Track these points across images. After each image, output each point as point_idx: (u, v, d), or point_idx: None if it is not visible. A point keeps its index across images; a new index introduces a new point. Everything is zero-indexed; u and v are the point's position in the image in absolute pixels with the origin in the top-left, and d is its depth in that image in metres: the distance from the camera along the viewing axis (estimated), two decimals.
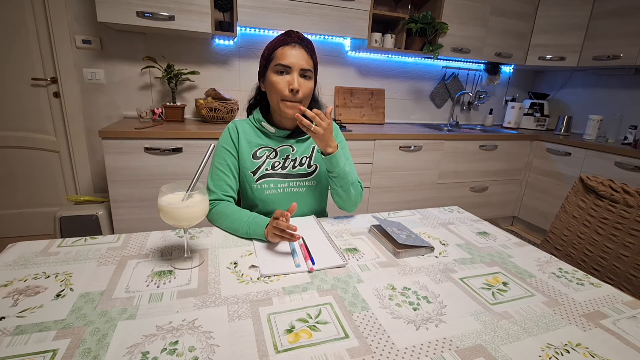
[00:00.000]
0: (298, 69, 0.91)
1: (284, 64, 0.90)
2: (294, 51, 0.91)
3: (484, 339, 0.57)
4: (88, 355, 0.49)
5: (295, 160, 1.02)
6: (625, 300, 0.71)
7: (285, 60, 0.90)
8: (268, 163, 1.00)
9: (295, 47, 0.92)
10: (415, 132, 2.32)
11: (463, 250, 0.89)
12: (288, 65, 0.90)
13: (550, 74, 3.14)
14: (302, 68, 0.92)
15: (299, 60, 0.91)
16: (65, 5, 1.92)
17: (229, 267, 0.74)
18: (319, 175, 1.04)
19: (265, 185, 0.99)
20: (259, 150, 1.00)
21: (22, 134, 2.07)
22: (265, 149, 1.01)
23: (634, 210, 1.00)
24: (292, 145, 1.03)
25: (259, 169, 0.99)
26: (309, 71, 0.93)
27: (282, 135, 1.01)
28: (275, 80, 0.92)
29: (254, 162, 0.99)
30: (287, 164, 1.01)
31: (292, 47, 0.92)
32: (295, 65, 0.91)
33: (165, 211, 0.69)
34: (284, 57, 0.91)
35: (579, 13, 2.54)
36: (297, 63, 0.91)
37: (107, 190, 1.74)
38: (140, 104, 2.18)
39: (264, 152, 1.00)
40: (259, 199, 1.01)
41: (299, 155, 1.03)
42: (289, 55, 0.91)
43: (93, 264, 0.72)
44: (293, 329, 0.57)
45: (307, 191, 1.04)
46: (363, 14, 2.16)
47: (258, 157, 1.00)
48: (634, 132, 2.32)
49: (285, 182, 1.01)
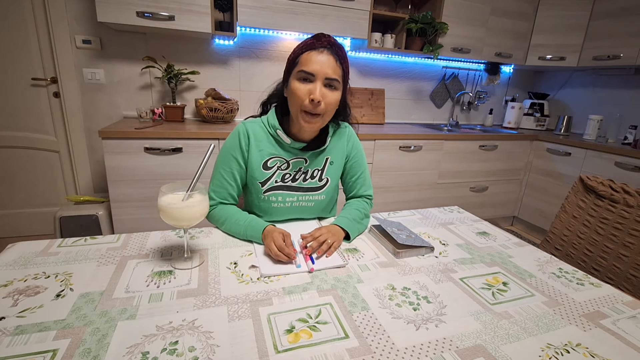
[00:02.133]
0: (322, 77, 0.82)
1: (308, 70, 0.82)
2: (320, 57, 0.82)
3: (484, 339, 0.57)
4: (88, 355, 0.49)
5: (307, 173, 0.96)
6: (625, 300, 0.71)
7: (309, 67, 0.82)
8: (278, 174, 0.94)
9: (323, 52, 0.83)
10: (415, 132, 2.32)
11: (463, 250, 0.89)
12: (312, 72, 0.82)
13: (550, 74, 3.14)
14: (327, 77, 0.83)
15: (324, 68, 0.82)
16: (65, 5, 1.92)
17: (229, 267, 0.74)
18: (329, 190, 0.99)
19: (273, 198, 0.94)
20: (270, 160, 0.93)
21: (22, 134, 2.07)
22: (277, 159, 0.93)
23: (634, 210, 1.00)
24: (306, 157, 0.95)
25: (269, 180, 0.93)
26: (335, 81, 0.84)
27: (297, 147, 0.93)
28: (296, 87, 0.84)
29: (264, 172, 0.93)
30: (297, 177, 0.95)
31: (319, 53, 0.83)
32: (319, 73, 0.82)
33: (165, 211, 0.69)
34: (308, 64, 0.82)
35: (579, 13, 2.53)
36: (322, 71, 0.82)
37: (107, 190, 1.74)
38: (140, 104, 2.18)
39: (275, 163, 0.93)
40: (264, 211, 0.97)
41: (311, 167, 0.97)
42: (314, 61, 0.82)
43: (93, 264, 0.72)
44: (293, 329, 0.57)
45: (315, 205, 0.99)
46: (363, 14, 2.16)
47: (269, 167, 0.93)
48: (634, 132, 2.31)
49: (294, 195, 0.96)
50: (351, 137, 1.03)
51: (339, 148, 1.00)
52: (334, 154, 0.99)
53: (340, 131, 1.02)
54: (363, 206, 1.00)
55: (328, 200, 1.02)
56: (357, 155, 1.04)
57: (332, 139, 0.99)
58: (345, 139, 1.02)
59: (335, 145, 0.99)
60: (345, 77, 0.89)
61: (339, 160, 1.00)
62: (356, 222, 0.93)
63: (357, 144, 1.04)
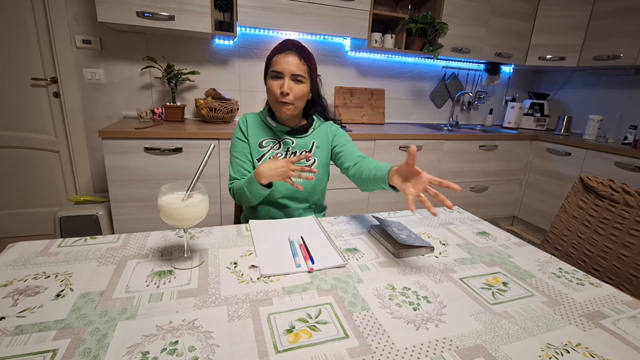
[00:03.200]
0: (289, 74, 1.01)
1: (277, 70, 1.01)
2: (286, 58, 1.01)
3: (484, 339, 0.57)
4: (88, 355, 0.49)
5: (295, 153, 1.12)
6: (625, 300, 0.71)
7: (278, 67, 1.01)
8: (272, 153, 1.11)
9: (289, 54, 1.01)
10: (415, 132, 2.32)
11: (463, 250, 0.89)
12: (280, 71, 1.01)
13: (550, 74, 3.14)
14: (293, 73, 1.01)
15: (289, 66, 1.00)
16: (65, 5, 1.92)
17: (229, 267, 0.74)
18: (316, 167, 1.13)
19: None
20: (264, 140, 1.12)
21: (22, 134, 2.07)
22: (270, 140, 1.12)
23: (634, 210, 1.00)
24: (292, 139, 1.13)
25: (263, 157, 1.11)
26: (300, 76, 1.02)
27: (281, 130, 1.12)
28: (270, 84, 1.03)
29: (259, 150, 1.11)
30: (288, 155, 1.12)
31: (286, 55, 1.01)
32: (286, 70, 1.00)
33: (165, 211, 0.69)
34: (277, 64, 1.01)
35: (579, 13, 2.53)
36: (288, 69, 1.00)
37: (107, 190, 1.74)
38: (140, 104, 2.18)
39: (268, 143, 1.12)
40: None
41: (299, 148, 1.13)
42: (281, 62, 1.01)
43: (93, 264, 0.72)
44: (293, 329, 0.56)
45: (304, 183, 1.11)
46: (363, 14, 2.16)
47: (263, 146, 1.12)
48: (634, 132, 2.32)
49: None
50: (334, 127, 1.19)
51: (323, 134, 1.17)
52: (319, 139, 1.16)
53: (326, 124, 1.19)
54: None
55: (317, 179, 1.13)
56: (341, 134, 1.18)
57: (317, 129, 1.16)
58: (329, 128, 1.18)
59: (319, 134, 1.16)
60: (312, 72, 1.06)
61: (324, 144, 1.16)
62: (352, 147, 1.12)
63: (340, 131, 1.19)
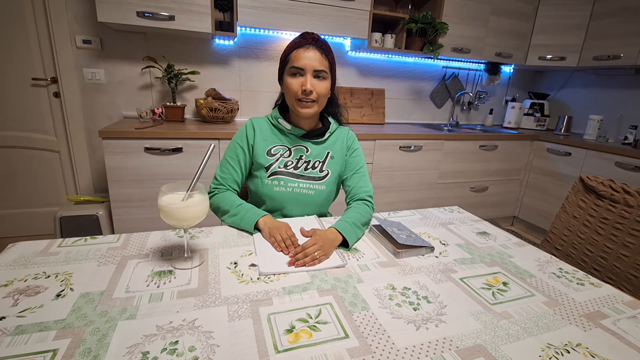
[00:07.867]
0: (311, 70, 0.94)
1: (298, 66, 0.93)
2: (307, 53, 0.93)
3: (484, 339, 0.57)
4: (88, 355, 0.49)
5: (309, 163, 1.04)
6: (626, 300, 0.71)
7: (299, 63, 0.93)
8: (281, 161, 1.02)
9: (309, 49, 0.94)
10: (416, 132, 2.32)
11: (463, 250, 0.89)
12: (301, 67, 0.93)
13: (550, 74, 3.14)
14: (315, 69, 0.94)
15: (311, 62, 0.93)
16: (65, 5, 1.92)
17: (229, 267, 0.74)
18: (329, 181, 1.05)
19: (275, 182, 1.01)
20: (273, 147, 1.03)
21: (22, 134, 2.07)
22: (280, 147, 1.03)
23: (634, 210, 1.00)
24: (307, 146, 1.04)
25: (272, 166, 1.02)
26: (322, 72, 0.95)
27: (297, 134, 1.03)
28: (290, 82, 0.95)
29: (268, 158, 1.02)
30: (299, 165, 1.03)
31: (306, 50, 0.94)
32: (308, 67, 0.93)
33: (165, 211, 0.69)
34: (298, 60, 0.94)
35: (579, 13, 2.53)
36: (310, 64, 0.93)
37: (107, 190, 1.74)
38: (141, 104, 2.18)
39: (278, 150, 1.03)
40: (267, 195, 1.02)
41: (313, 158, 1.04)
42: (302, 57, 0.93)
43: (93, 264, 0.72)
44: (293, 329, 0.57)
45: (315, 194, 1.04)
46: (363, 14, 2.16)
47: (272, 154, 1.03)
48: (634, 132, 2.31)
49: (296, 182, 1.02)
50: (351, 137, 1.12)
51: (339, 144, 1.08)
52: (335, 149, 1.07)
53: (342, 130, 1.11)
54: (366, 211, 0.98)
55: (328, 192, 1.06)
56: (357, 153, 1.10)
57: (333, 135, 1.08)
58: (345, 137, 1.10)
59: (336, 142, 1.08)
60: (332, 68, 0.99)
61: (339, 155, 1.08)
62: (356, 227, 0.91)
63: (356, 144, 1.12)
